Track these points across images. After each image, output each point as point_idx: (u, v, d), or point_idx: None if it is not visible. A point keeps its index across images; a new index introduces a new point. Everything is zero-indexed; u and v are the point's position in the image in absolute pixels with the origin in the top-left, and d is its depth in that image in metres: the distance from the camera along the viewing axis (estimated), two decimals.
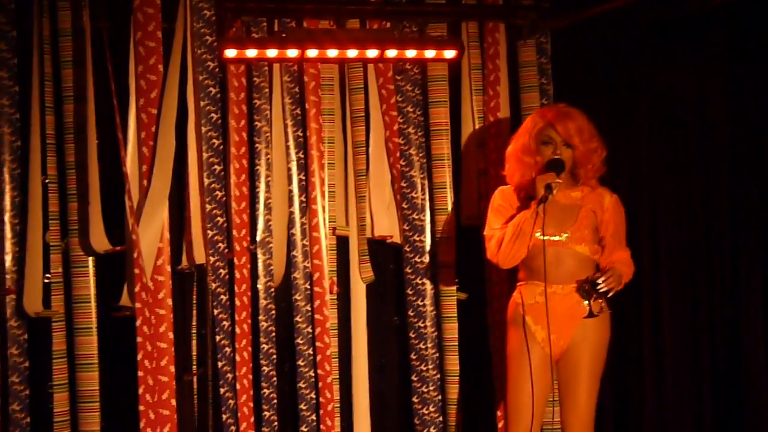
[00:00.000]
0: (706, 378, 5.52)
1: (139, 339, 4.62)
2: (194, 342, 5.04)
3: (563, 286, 4.49)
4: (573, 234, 4.52)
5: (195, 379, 4.98)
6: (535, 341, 4.50)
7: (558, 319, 4.46)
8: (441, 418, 5.36)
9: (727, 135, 5.43)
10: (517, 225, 4.46)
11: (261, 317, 5.04)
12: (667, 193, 5.58)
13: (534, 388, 4.44)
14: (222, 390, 4.84)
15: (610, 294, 4.49)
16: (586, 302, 4.50)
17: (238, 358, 4.93)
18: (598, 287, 4.43)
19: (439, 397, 5.36)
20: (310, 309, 5.15)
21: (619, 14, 5.22)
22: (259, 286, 5.05)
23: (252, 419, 4.98)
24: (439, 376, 5.36)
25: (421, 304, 5.37)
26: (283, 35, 4.95)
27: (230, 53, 4.80)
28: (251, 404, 4.98)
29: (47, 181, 4.81)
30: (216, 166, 4.82)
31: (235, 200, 4.95)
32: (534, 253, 4.48)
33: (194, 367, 5.00)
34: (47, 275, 4.81)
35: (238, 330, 4.93)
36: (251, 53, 4.82)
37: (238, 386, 4.92)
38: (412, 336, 5.37)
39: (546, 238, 4.45)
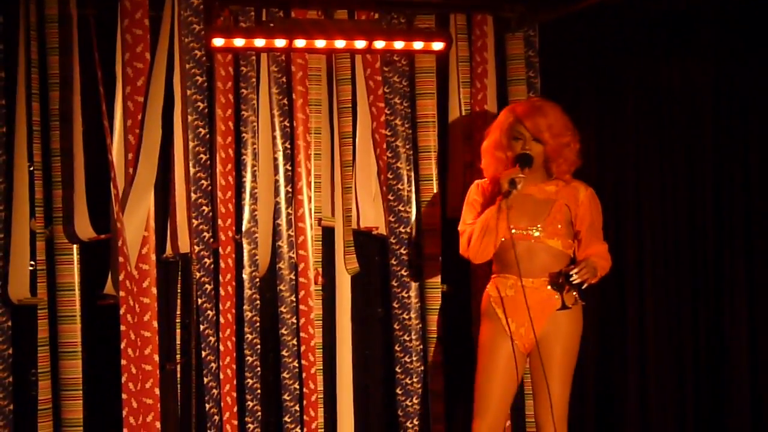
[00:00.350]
0: (689, 377, 5.54)
1: (122, 327, 4.61)
2: (178, 331, 5.03)
3: (534, 279, 4.49)
4: (545, 228, 4.52)
5: (178, 368, 4.97)
6: (505, 334, 4.51)
7: (529, 312, 4.47)
8: (424, 410, 5.37)
9: (711, 130, 5.45)
10: (485, 221, 4.48)
11: (245, 307, 5.04)
12: (653, 188, 5.60)
13: (502, 381, 4.46)
14: (205, 379, 4.84)
15: (584, 286, 4.49)
16: (558, 295, 4.51)
17: (221, 347, 4.92)
18: (572, 279, 4.42)
19: (423, 389, 5.37)
20: (294, 299, 5.15)
21: (607, 8, 5.22)
22: (244, 276, 5.04)
23: (235, 409, 4.98)
24: (422, 367, 5.37)
25: (405, 295, 5.37)
26: (271, 25, 4.94)
27: (218, 42, 4.78)
28: (234, 394, 4.98)
29: (32, 168, 4.79)
30: (202, 156, 4.82)
31: (220, 189, 4.94)
32: (506, 246, 4.49)
33: (177, 356, 4.99)
34: (31, 262, 4.79)
35: (222, 320, 4.92)
36: (239, 42, 4.81)
37: (221, 376, 4.92)
38: (397, 327, 5.38)
39: (517, 232, 4.47)
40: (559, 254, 4.54)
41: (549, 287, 4.50)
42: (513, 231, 4.44)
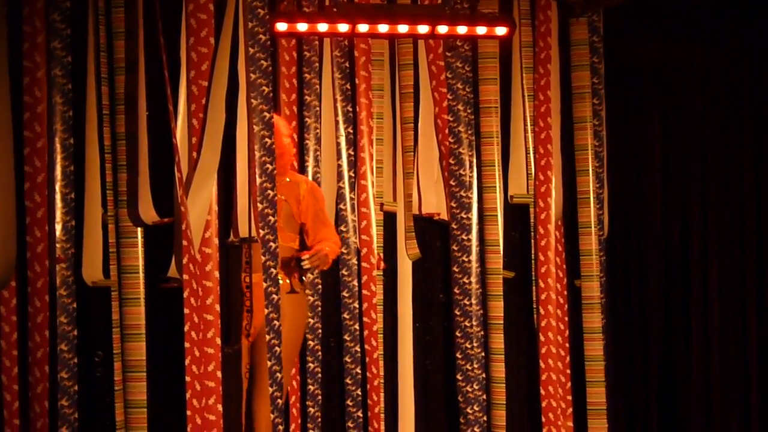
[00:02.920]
0: (754, 370, 5.48)
1: (186, 311, 4.62)
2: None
3: (259, 274, 4.67)
4: None
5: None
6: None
7: (255, 305, 4.62)
8: (485, 396, 5.35)
9: None
10: None
11: (307, 291, 5.05)
12: (719, 177, 5.53)
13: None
14: (270, 363, 4.85)
15: (316, 272, 4.77)
16: (288, 280, 4.69)
17: None
18: (302, 263, 4.64)
19: (483, 375, 5.35)
20: (357, 284, 5.15)
21: None
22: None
23: (298, 393, 4.99)
24: (483, 354, 5.35)
25: (466, 281, 5.35)
26: (334, 9, 4.93)
27: (281, 27, 4.78)
28: (298, 378, 4.99)
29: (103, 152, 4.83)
30: (267, 140, 4.82)
31: None
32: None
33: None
34: None
35: None
36: (302, 27, 4.80)
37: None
38: (458, 313, 5.36)
39: None
40: (281, 248, 4.72)
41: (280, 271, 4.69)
42: None
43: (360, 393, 5.16)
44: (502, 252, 5.35)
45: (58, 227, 4.75)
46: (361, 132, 5.15)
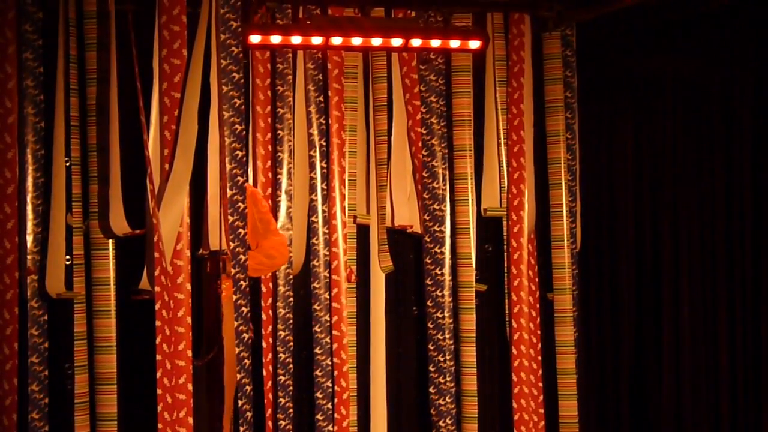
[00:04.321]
0: (725, 376, 5.50)
1: (158, 323, 4.61)
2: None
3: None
4: None
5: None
6: None
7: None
8: (457, 409, 5.35)
9: (750, 130, 5.40)
10: None
11: (279, 304, 5.04)
12: (690, 186, 5.56)
13: None
14: (239, 376, 4.83)
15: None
16: None
17: (264, 344, 4.94)
18: None
19: (455, 388, 5.35)
20: (328, 297, 5.15)
21: (645, 7, 5.20)
22: (278, 273, 5.04)
23: (271, 407, 4.98)
24: (455, 366, 5.35)
25: (439, 294, 5.35)
26: (308, 22, 4.93)
27: (255, 39, 4.78)
28: (271, 393, 4.99)
29: (69, 163, 4.81)
30: (238, 152, 4.81)
31: (260, 186, 4.95)
32: None
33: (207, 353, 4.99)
34: (67, 257, 4.81)
35: (264, 316, 4.94)
36: (275, 39, 4.80)
37: (264, 372, 4.94)
38: (431, 326, 5.36)
39: None
40: None
41: None
42: None
43: (330, 406, 5.14)
44: (474, 265, 5.35)
45: (29, 238, 4.74)
46: (333, 144, 5.15)
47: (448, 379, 5.33)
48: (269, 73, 5.05)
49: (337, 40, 4.85)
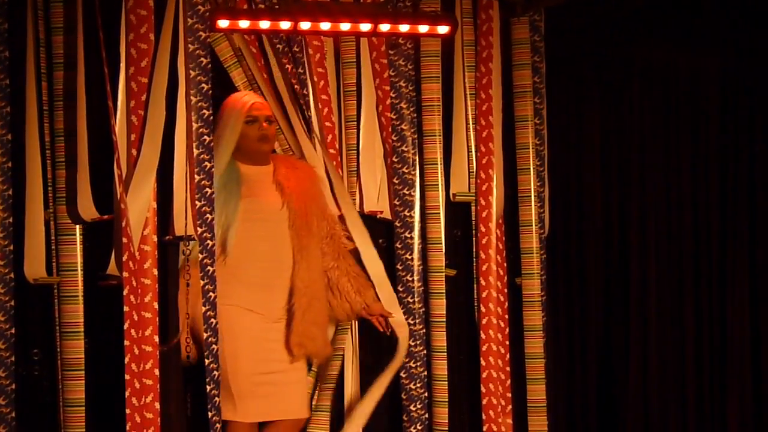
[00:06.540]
0: (690, 368, 5.56)
1: (125, 308, 4.60)
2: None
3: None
4: None
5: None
6: None
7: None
8: (426, 394, 5.37)
9: (717, 119, 5.45)
10: None
11: None
12: (657, 174, 5.60)
13: None
14: (207, 361, 4.83)
15: None
16: None
17: None
18: None
19: (426, 373, 5.37)
20: None
21: None
22: None
23: None
24: (425, 351, 5.37)
25: (410, 279, 5.36)
26: (276, 7, 4.92)
27: (222, 23, 4.77)
28: None
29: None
30: (206, 137, 4.80)
31: None
32: None
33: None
34: None
35: None
36: (243, 24, 4.80)
37: None
38: (401, 311, 5.36)
39: None
40: None
41: None
42: None
43: None
44: (444, 250, 5.36)
45: None
46: None
47: (418, 363, 5.35)
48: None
49: (305, 25, 4.84)
